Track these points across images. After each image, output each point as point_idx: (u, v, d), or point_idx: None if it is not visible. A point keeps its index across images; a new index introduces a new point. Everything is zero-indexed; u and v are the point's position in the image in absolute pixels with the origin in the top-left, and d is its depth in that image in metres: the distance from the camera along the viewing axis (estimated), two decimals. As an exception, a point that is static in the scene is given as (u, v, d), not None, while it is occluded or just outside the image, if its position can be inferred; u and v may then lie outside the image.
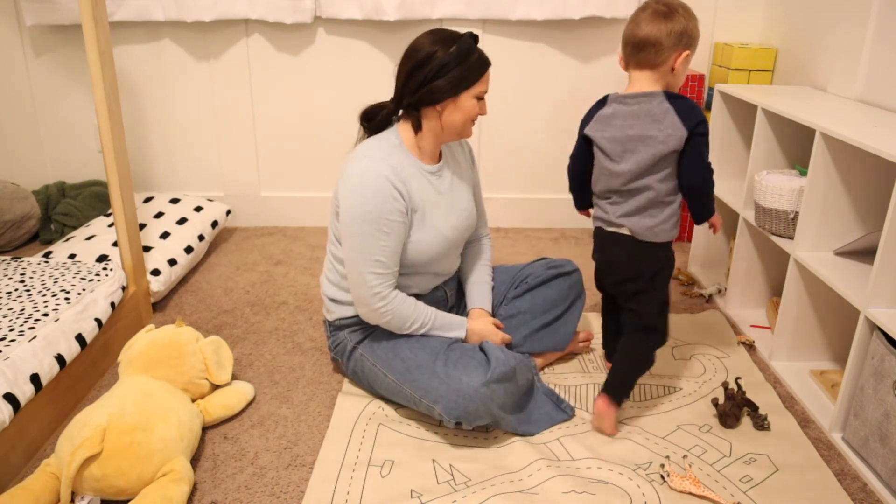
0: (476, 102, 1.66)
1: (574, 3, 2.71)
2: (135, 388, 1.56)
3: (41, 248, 2.73)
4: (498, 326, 1.86)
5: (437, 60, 1.60)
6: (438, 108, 1.65)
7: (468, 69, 1.62)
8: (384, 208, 1.61)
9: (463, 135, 1.72)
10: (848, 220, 1.85)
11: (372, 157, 1.64)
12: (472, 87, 1.64)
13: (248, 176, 3.05)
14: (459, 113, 1.66)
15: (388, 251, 1.65)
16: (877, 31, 2.07)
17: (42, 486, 1.41)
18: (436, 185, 1.75)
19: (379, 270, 1.65)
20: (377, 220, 1.62)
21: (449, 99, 1.63)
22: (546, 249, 2.86)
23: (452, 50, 1.60)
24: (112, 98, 1.94)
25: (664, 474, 1.55)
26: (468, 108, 1.65)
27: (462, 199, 1.83)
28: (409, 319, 1.71)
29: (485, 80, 1.66)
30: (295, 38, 2.84)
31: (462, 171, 1.86)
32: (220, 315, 2.28)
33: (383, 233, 1.63)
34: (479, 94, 1.66)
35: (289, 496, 1.50)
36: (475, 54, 1.63)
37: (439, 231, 1.73)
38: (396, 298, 1.69)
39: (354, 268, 1.66)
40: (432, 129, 1.70)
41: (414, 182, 1.68)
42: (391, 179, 1.62)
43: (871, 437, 1.56)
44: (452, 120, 1.67)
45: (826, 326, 1.96)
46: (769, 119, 2.09)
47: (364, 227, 1.62)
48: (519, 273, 1.97)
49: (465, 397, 1.56)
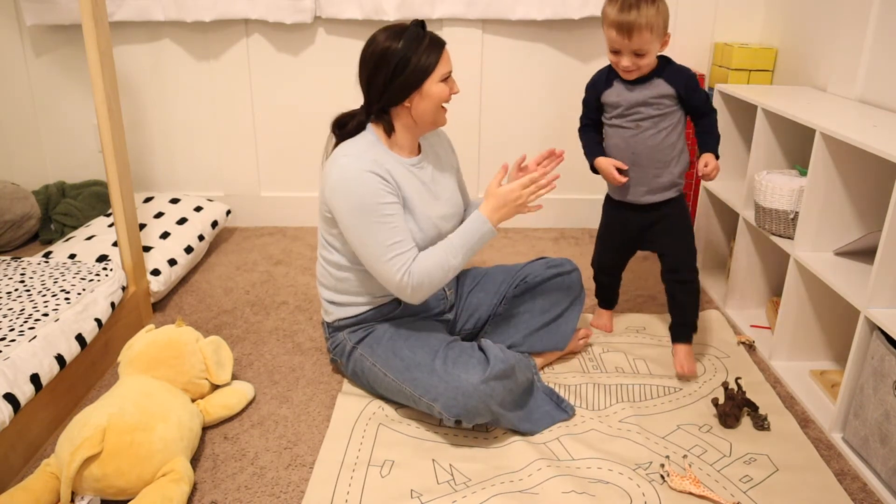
0: (443, 85, 1.65)
1: (574, 3, 2.71)
2: (135, 388, 1.56)
3: (41, 248, 2.73)
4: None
5: (392, 59, 1.61)
6: (406, 104, 1.65)
7: (423, 56, 1.61)
8: (377, 194, 1.60)
9: (437, 123, 1.71)
10: (848, 220, 1.84)
11: (349, 155, 1.64)
12: (433, 73, 1.63)
13: (248, 176, 3.05)
14: (428, 101, 1.65)
15: (398, 231, 1.62)
16: (877, 31, 2.07)
17: (42, 486, 1.41)
18: (418, 175, 1.75)
19: (399, 251, 1.61)
20: (374, 208, 1.60)
21: (414, 92, 1.63)
22: (546, 249, 2.86)
23: (402, 44, 1.60)
24: (112, 98, 1.94)
25: (664, 474, 1.55)
26: (436, 93, 1.64)
27: (447, 188, 1.83)
28: (440, 268, 1.63)
29: (444, 61, 1.65)
30: (295, 38, 2.84)
31: (443, 162, 1.86)
32: (220, 315, 2.28)
33: (386, 216, 1.61)
34: (443, 76, 1.65)
35: (289, 496, 1.50)
36: (425, 39, 1.62)
37: (429, 219, 1.73)
38: (417, 265, 1.63)
39: (375, 261, 1.62)
40: (405, 127, 1.70)
41: (396, 172, 1.68)
42: (374, 170, 1.61)
43: (871, 437, 1.56)
44: (423, 111, 1.66)
45: (826, 326, 1.96)
46: (769, 119, 2.09)
47: (365, 219, 1.60)
48: (518, 273, 1.96)
49: (464, 394, 1.56)
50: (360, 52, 1.67)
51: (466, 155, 2.99)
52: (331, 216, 1.69)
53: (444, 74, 1.65)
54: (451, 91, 1.68)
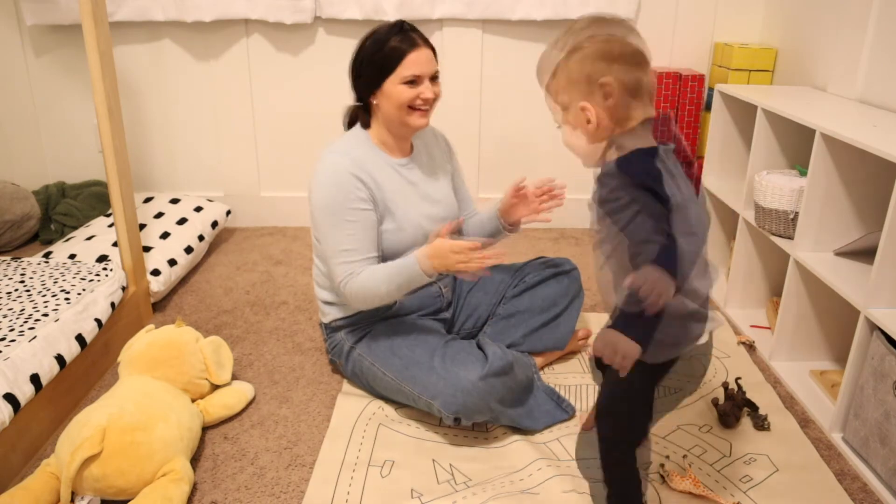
0: (405, 88, 1.65)
1: (574, 3, 2.71)
2: (135, 388, 1.56)
3: (41, 248, 2.73)
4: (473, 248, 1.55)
5: (360, 55, 1.67)
6: (373, 100, 1.69)
7: (383, 57, 1.64)
8: (347, 197, 1.64)
9: (408, 124, 1.70)
10: (848, 220, 1.84)
11: (336, 152, 1.70)
12: (391, 74, 1.64)
13: (248, 176, 3.05)
14: (389, 101, 1.67)
15: (353, 239, 1.66)
16: (877, 31, 2.07)
17: (42, 486, 1.41)
18: (406, 175, 1.77)
19: (347, 259, 1.66)
20: (340, 210, 1.65)
21: (376, 89, 1.67)
22: (546, 249, 2.85)
23: (370, 41, 1.65)
24: (112, 98, 1.94)
25: (664, 474, 1.55)
26: (395, 94, 1.66)
27: (438, 189, 1.83)
28: (373, 287, 1.62)
29: (408, 65, 1.63)
30: (295, 38, 2.84)
31: (436, 163, 1.87)
32: (220, 315, 2.28)
33: (348, 222, 1.65)
34: (404, 79, 1.64)
35: (289, 496, 1.50)
36: (391, 41, 1.64)
37: (412, 220, 1.74)
38: (359, 276, 1.63)
39: (327, 259, 1.70)
40: (378, 122, 1.74)
41: (379, 173, 1.71)
42: (351, 170, 1.65)
43: (871, 437, 1.56)
44: (386, 110, 1.69)
45: (826, 326, 1.96)
46: (769, 119, 2.09)
47: (329, 219, 1.66)
48: (517, 272, 1.97)
49: (463, 392, 1.56)
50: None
51: (466, 155, 2.98)
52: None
53: (405, 77, 1.64)
54: (420, 95, 1.66)
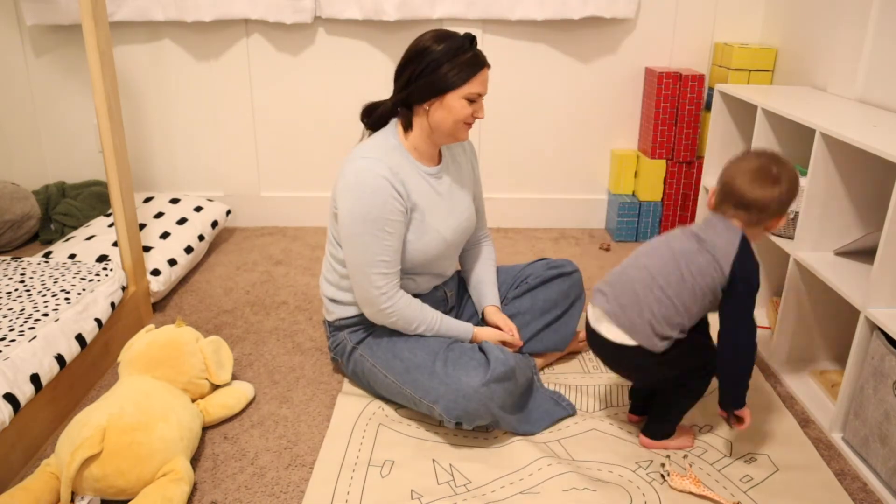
0: (466, 104, 1.62)
1: (574, 3, 2.71)
2: (135, 388, 1.56)
3: (41, 248, 2.73)
4: (509, 329, 1.84)
5: (427, 58, 1.59)
6: (426, 106, 1.64)
7: (456, 69, 1.59)
8: (385, 208, 1.60)
9: (456, 137, 1.68)
10: (848, 220, 1.85)
11: (368, 157, 1.63)
12: (458, 88, 1.60)
13: (248, 176, 3.05)
14: (447, 113, 1.63)
15: (391, 250, 1.64)
16: (877, 31, 2.07)
17: (42, 486, 1.41)
18: (435, 186, 1.74)
19: (384, 270, 1.64)
20: (378, 220, 1.61)
21: (435, 98, 1.62)
22: (546, 249, 2.86)
23: (441, 48, 1.58)
24: (112, 98, 1.94)
25: (664, 474, 1.55)
26: (456, 109, 1.62)
27: (462, 202, 1.82)
28: (414, 321, 1.70)
29: (476, 83, 1.62)
30: (295, 38, 2.84)
31: (463, 175, 1.84)
32: (220, 315, 2.28)
33: (386, 232, 1.62)
34: (469, 95, 1.62)
35: (289, 496, 1.50)
36: (467, 54, 1.60)
37: (438, 232, 1.73)
38: (403, 299, 1.69)
39: (359, 270, 1.65)
40: (422, 128, 1.68)
41: (411, 182, 1.67)
42: (389, 179, 1.61)
43: (871, 437, 1.56)
44: (440, 120, 1.64)
45: (826, 326, 1.96)
46: (769, 119, 2.09)
47: (366, 228, 1.61)
48: (519, 273, 1.97)
49: (464, 397, 1.56)
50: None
51: (466, 155, 2.99)
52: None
53: (470, 94, 1.61)
54: (475, 114, 1.65)
